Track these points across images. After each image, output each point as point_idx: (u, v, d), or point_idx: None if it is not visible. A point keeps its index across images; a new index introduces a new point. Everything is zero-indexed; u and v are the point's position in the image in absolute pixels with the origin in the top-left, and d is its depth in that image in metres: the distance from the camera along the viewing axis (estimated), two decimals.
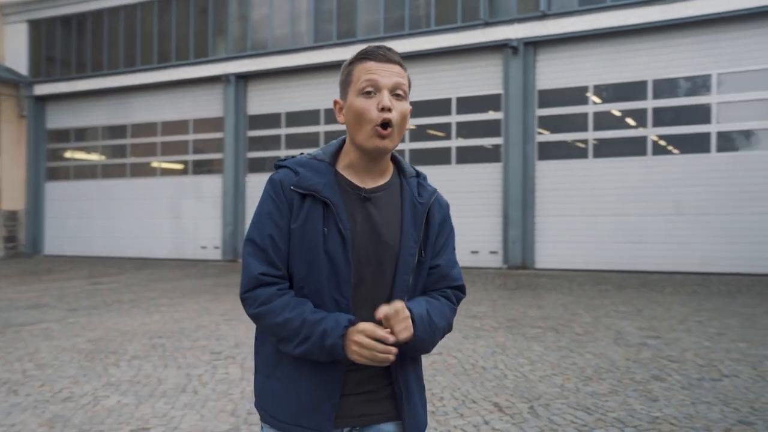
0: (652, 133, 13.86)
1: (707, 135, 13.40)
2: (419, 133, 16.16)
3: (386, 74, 1.66)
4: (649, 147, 13.87)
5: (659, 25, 13.59)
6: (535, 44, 14.83)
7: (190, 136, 19.21)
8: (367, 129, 1.66)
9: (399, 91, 1.68)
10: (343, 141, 1.80)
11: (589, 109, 14.46)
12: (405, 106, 1.70)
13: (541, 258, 14.73)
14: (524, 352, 6.67)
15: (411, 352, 1.73)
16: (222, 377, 5.79)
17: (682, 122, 13.69)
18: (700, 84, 13.51)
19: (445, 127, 15.95)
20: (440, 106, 15.89)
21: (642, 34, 13.87)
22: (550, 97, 14.85)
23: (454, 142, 15.81)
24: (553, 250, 14.59)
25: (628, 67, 14.00)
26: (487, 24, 15.10)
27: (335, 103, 1.76)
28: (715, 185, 13.17)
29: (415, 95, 15.98)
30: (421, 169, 1.91)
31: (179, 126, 19.34)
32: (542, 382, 5.54)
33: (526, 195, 14.76)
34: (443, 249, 1.83)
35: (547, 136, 14.91)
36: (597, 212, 14.14)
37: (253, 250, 1.70)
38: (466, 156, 15.73)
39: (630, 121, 14.18)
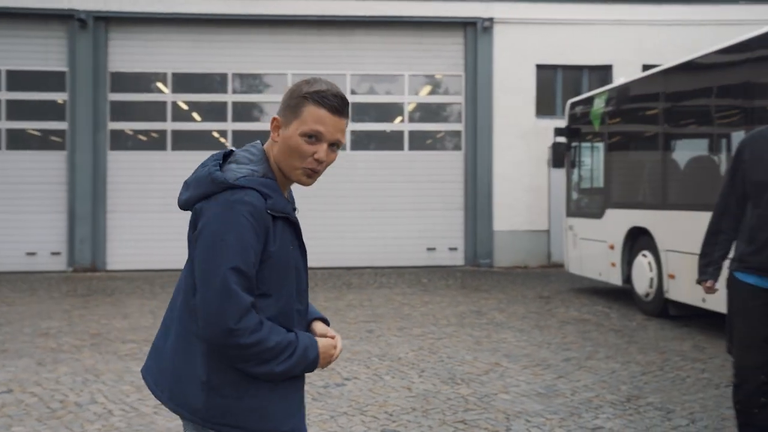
0: (231, 127, 13.67)
1: None
2: None
3: (332, 129, 1.75)
4: (230, 141, 13.65)
5: (241, 19, 13.44)
6: (107, 20, 13.30)
7: None
8: (295, 165, 1.77)
9: (335, 146, 1.79)
10: (263, 152, 1.83)
11: (168, 98, 13.58)
12: (335, 156, 1.81)
13: (113, 258, 13.30)
14: (124, 375, 5.59)
15: None
16: None
17: (261, 118, 13.85)
18: (277, 82, 13.79)
19: None
20: None
21: (224, 25, 13.54)
22: (126, 82, 13.52)
23: (3, 124, 13.25)
24: (128, 249, 13.29)
25: (209, 58, 13.53)
26: None
27: (274, 119, 1.80)
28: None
29: None
30: None
31: None
32: (158, 414, 4.61)
33: (97, 188, 13.16)
34: None
35: (121, 124, 13.53)
36: (177, 208, 13.34)
37: (238, 279, 1.67)
38: (22, 142, 13.33)
39: (207, 113, 13.76)
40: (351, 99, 13.76)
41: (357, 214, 13.71)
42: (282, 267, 1.75)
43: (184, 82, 13.63)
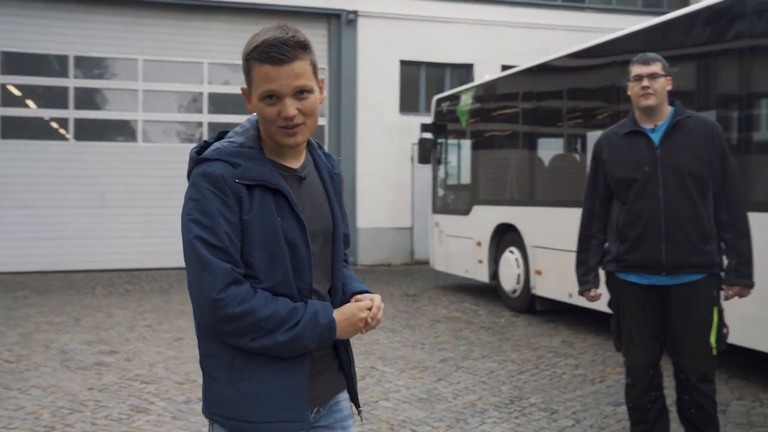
0: (73, 115, 12.42)
1: (134, 123, 12.74)
2: None
3: (285, 80, 1.60)
4: (71, 131, 12.40)
5: None
6: None
7: None
8: (273, 129, 1.64)
9: (303, 92, 1.62)
10: (255, 122, 1.74)
11: None
12: (311, 101, 1.63)
13: None
14: None
15: None
16: None
17: (107, 107, 12.73)
18: (126, 68, 12.70)
19: None
20: None
21: (66, 2, 12.23)
22: None
23: None
24: None
25: (47, 38, 12.19)
26: None
27: (243, 90, 1.71)
28: (141, 177, 12.57)
29: None
30: None
31: None
32: None
33: None
34: (344, 212, 1.84)
35: None
36: (5, 204, 11.93)
37: (211, 251, 1.57)
38: None
39: (44, 99, 12.43)
40: (207, 89, 13.00)
41: None
42: (265, 238, 1.61)
43: (16, 62, 12.19)
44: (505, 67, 13.08)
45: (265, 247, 1.61)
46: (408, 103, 13.98)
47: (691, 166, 3.20)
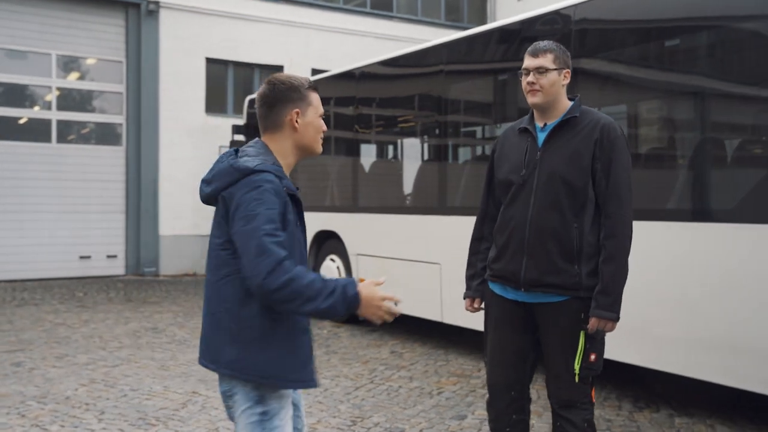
0: None
1: None
2: None
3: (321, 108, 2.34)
4: None
5: None
6: None
7: None
8: (318, 138, 2.32)
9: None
10: (265, 146, 2.25)
11: None
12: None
13: None
14: None
15: None
16: None
17: None
18: None
19: None
20: None
21: None
22: None
23: None
24: None
25: None
26: None
27: (296, 112, 2.23)
28: None
29: None
30: None
31: None
32: None
33: None
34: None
35: None
36: None
37: (274, 240, 2.02)
38: None
39: None
40: None
41: None
42: (291, 237, 2.11)
43: None
44: (315, 71, 12.88)
45: (291, 241, 2.10)
46: (215, 104, 13.24)
47: (566, 173, 2.83)
